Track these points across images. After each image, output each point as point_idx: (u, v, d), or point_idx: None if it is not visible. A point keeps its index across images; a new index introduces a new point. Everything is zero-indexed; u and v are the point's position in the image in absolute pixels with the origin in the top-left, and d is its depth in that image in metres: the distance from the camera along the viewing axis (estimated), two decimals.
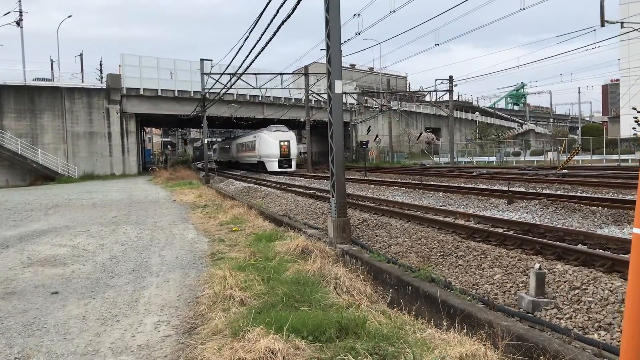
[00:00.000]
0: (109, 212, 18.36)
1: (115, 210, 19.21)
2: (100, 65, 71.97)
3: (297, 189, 23.79)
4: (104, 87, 48.74)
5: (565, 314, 5.96)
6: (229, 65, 28.84)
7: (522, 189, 17.99)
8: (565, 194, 14.72)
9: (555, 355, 4.55)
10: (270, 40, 16.34)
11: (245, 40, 20.38)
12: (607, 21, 24.94)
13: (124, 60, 49.33)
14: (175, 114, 50.69)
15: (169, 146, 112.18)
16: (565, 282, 6.65)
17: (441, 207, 14.37)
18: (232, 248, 10.66)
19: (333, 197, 11.23)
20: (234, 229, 13.15)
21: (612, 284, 6.22)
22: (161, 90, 50.36)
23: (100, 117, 47.82)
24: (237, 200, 20.65)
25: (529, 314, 6.14)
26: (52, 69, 55.69)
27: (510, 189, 15.69)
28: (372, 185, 23.08)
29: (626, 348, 2.60)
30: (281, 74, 40.84)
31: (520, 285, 7.06)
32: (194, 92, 50.21)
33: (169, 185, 33.38)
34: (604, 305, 5.83)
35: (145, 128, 77.03)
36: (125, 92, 48.76)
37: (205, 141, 43.44)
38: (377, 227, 12.01)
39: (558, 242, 8.98)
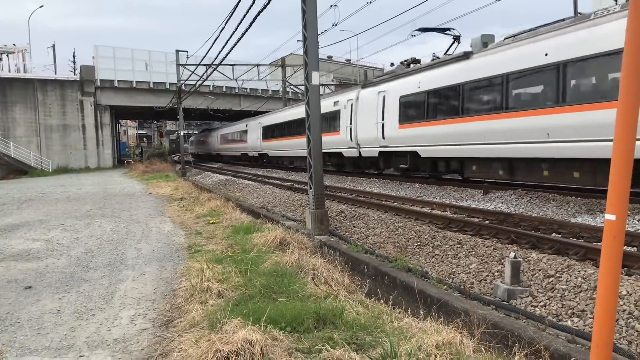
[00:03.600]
0: (84, 206, 18.11)
1: (90, 203, 18.96)
2: (74, 56, 70.87)
3: (275, 181, 23.73)
4: (78, 79, 47.95)
5: (540, 302, 6.04)
6: (204, 57, 28.56)
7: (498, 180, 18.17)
8: (540, 184, 14.91)
9: (529, 342, 4.62)
10: (246, 31, 16.21)
11: (221, 31, 20.21)
12: (580, 13, 25.23)
13: (98, 51, 48.53)
14: (151, 106, 50.03)
15: (144, 139, 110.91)
16: (539, 270, 6.75)
17: (418, 198, 14.46)
18: (209, 241, 10.62)
19: (311, 188, 11.22)
20: (211, 222, 13.08)
21: (585, 271, 6.33)
22: (136, 82, 49.67)
23: (73, 109, 47.05)
24: (214, 193, 20.53)
25: (505, 302, 6.22)
26: (23, 60, 54.50)
27: (486, 180, 15.82)
28: (350, 177, 23.11)
29: (598, 333, 2.65)
30: (258, 65, 40.58)
31: (496, 274, 7.15)
32: (169, 83, 49.63)
33: (144, 178, 33.06)
34: (577, 293, 5.93)
35: (120, 120, 76.05)
36: (99, 84, 48.02)
37: (182, 133, 43.04)
38: (354, 218, 12.04)
39: (533, 232, 9.10)
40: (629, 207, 10.15)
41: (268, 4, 13.09)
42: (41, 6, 62.88)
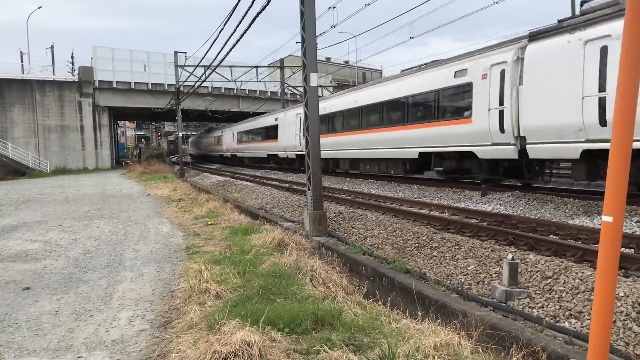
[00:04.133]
0: (82, 207, 18.10)
1: (89, 204, 18.94)
2: (72, 57, 70.85)
3: (273, 182, 23.73)
4: (76, 80, 47.94)
5: (538, 303, 6.06)
6: (203, 58, 28.57)
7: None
8: (538, 185, 14.93)
9: (527, 344, 4.63)
10: (245, 32, 16.23)
11: (220, 32, 20.24)
12: (577, 14, 25.26)
13: (96, 52, 48.52)
14: (149, 107, 50.04)
15: (142, 140, 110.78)
16: (537, 272, 6.76)
17: (416, 199, 14.47)
18: (207, 242, 10.61)
19: (309, 190, 11.23)
20: (209, 223, 13.07)
21: (582, 273, 6.34)
22: (134, 83, 49.70)
23: (72, 110, 47.03)
24: (212, 194, 20.52)
25: (502, 304, 6.23)
26: (21, 61, 54.53)
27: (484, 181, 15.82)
28: (349, 178, 23.12)
29: (595, 335, 2.66)
30: (256, 66, 40.58)
31: (494, 275, 7.16)
32: (168, 84, 49.66)
33: (143, 179, 33.04)
34: (575, 294, 5.94)
35: (118, 121, 75.97)
36: (97, 85, 48.03)
37: (180, 134, 42.99)
38: (353, 220, 12.05)
39: (531, 233, 9.12)
40: (626, 209, 10.18)
41: (267, 5, 13.11)
42: (39, 7, 62.92)
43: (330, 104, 24.62)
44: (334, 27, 25.45)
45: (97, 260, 9.27)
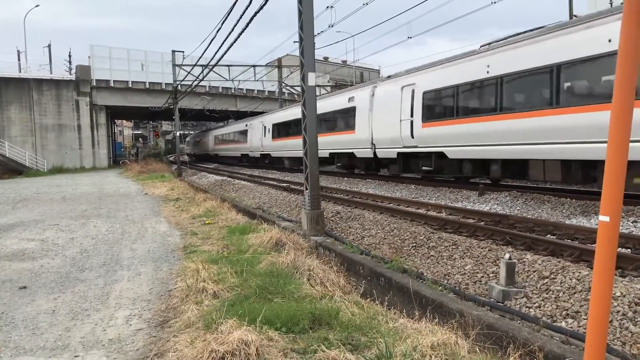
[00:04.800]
0: (79, 206, 18.07)
1: (86, 203, 18.92)
2: (70, 56, 70.82)
3: (270, 182, 23.72)
4: (73, 79, 47.88)
5: (535, 303, 6.06)
6: (201, 57, 28.55)
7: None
8: (535, 185, 14.96)
9: (524, 343, 4.64)
10: (243, 31, 16.21)
11: (217, 31, 20.20)
12: (575, 16, 25.31)
13: (94, 51, 48.47)
14: (147, 106, 49.99)
15: (140, 139, 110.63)
16: (534, 271, 6.77)
17: (413, 199, 14.48)
18: (204, 241, 10.61)
19: (307, 189, 11.23)
20: (206, 222, 13.07)
21: (579, 273, 6.35)
22: (132, 82, 49.65)
23: (69, 109, 46.96)
24: (209, 194, 20.51)
25: (499, 303, 6.24)
26: (19, 60, 54.39)
27: (481, 181, 15.88)
28: (346, 178, 23.13)
29: (591, 334, 2.66)
30: (254, 66, 40.57)
31: (491, 275, 7.16)
32: (165, 84, 49.61)
33: (140, 178, 33.00)
34: (572, 294, 5.95)
35: (115, 120, 75.86)
36: (95, 84, 47.98)
37: (177, 134, 42.96)
38: (350, 219, 12.06)
39: (528, 233, 9.13)
40: (623, 209, 10.21)
41: (264, 4, 13.10)
42: (37, 5, 62.88)
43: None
44: (332, 26, 25.44)
45: (94, 260, 9.26)
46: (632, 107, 2.43)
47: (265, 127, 36.55)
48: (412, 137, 17.55)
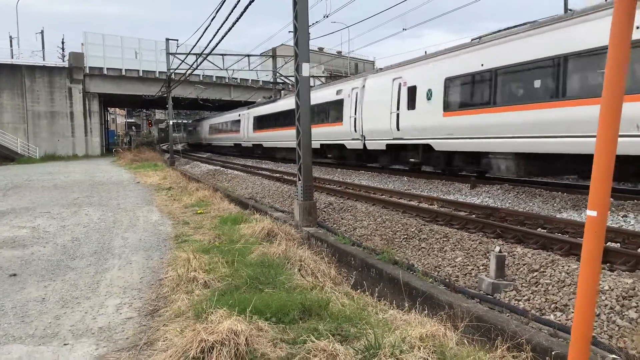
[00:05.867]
0: (71, 194, 17.99)
1: (78, 191, 18.84)
2: (63, 43, 69.83)
3: (264, 172, 23.70)
4: (66, 66, 47.46)
5: (524, 296, 6.11)
6: (195, 46, 28.40)
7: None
8: (527, 179, 15.01)
9: (512, 336, 4.67)
10: (237, 20, 16.13)
11: (212, 20, 20.10)
12: (570, 10, 25.28)
13: (87, 38, 48.07)
14: (140, 95, 49.68)
15: (133, 127, 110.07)
16: (524, 265, 6.82)
17: (406, 191, 14.51)
18: (196, 231, 10.60)
19: (300, 180, 11.23)
20: (198, 212, 13.05)
21: (569, 266, 6.40)
22: (125, 70, 49.30)
23: (62, 96, 46.64)
24: (202, 183, 20.47)
25: (489, 296, 6.28)
26: (11, 46, 53.85)
27: (473, 174, 15.92)
28: (339, 169, 23.14)
29: (577, 327, 2.69)
30: (248, 55, 40.34)
31: (481, 267, 7.21)
32: (159, 72, 49.30)
33: (132, 166, 32.88)
34: (561, 287, 6.00)
35: (109, 108, 75.47)
36: (88, 72, 47.63)
37: (171, 122, 42.72)
38: (343, 211, 12.07)
39: (518, 226, 9.18)
40: (613, 204, 10.27)
41: None
42: None
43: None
44: (327, 16, 25.39)
45: (85, 248, 9.24)
46: (621, 103, 2.44)
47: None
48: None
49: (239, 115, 42.73)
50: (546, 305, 5.78)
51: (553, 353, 4.26)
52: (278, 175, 21.66)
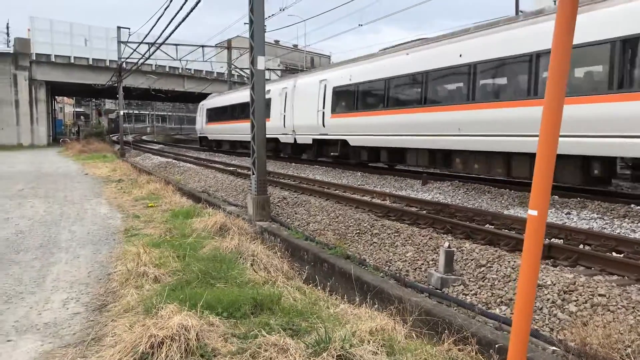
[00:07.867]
0: (15, 185, 17.39)
1: (22, 182, 18.21)
2: (7, 27, 67.40)
3: (217, 165, 23.49)
4: (11, 52, 45.70)
5: (471, 290, 6.28)
6: (147, 34, 27.81)
7: (437, 171, 18.67)
8: (477, 176, 15.39)
9: (459, 330, 4.80)
10: (192, 9, 15.89)
11: (166, 9, 19.72)
12: (521, 11, 25.97)
13: (34, 23, 46.33)
14: (90, 83, 48.27)
15: (82, 117, 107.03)
16: (472, 260, 7.00)
17: (359, 186, 14.66)
18: (147, 224, 10.42)
19: (254, 174, 11.18)
20: (149, 205, 12.83)
21: (514, 262, 6.61)
22: (74, 57, 47.77)
23: (6, 83, 44.91)
24: (153, 175, 20.10)
25: (438, 290, 6.43)
26: None
27: (425, 170, 16.24)
28: (294, 163, 23.16)
29: (517, 321, 2.80)
30: (203, 46, 39.81)
31: (431, 262, 7.36)
32: (109, 61, 48.03)
33: (81, 158, 32.01)
34: (506, 282, 6.20)
35: (56, 97, 73.09)
36: (34, 58, 45.96)
37: (122, 113, 41.77)
38: (296, 205, 12.10)
39: (467, 222, 9.42)
40: (558, 201, 10.66)
41: None
42: None
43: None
44: (283, 10, 25.39)
45: (31, 241, 8.96)
46: (562, 104, 2.55)
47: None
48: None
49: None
50: (492, 299, 5.96)
51: (497, 346, 4.40)
52: (232, 168, 21.50)
